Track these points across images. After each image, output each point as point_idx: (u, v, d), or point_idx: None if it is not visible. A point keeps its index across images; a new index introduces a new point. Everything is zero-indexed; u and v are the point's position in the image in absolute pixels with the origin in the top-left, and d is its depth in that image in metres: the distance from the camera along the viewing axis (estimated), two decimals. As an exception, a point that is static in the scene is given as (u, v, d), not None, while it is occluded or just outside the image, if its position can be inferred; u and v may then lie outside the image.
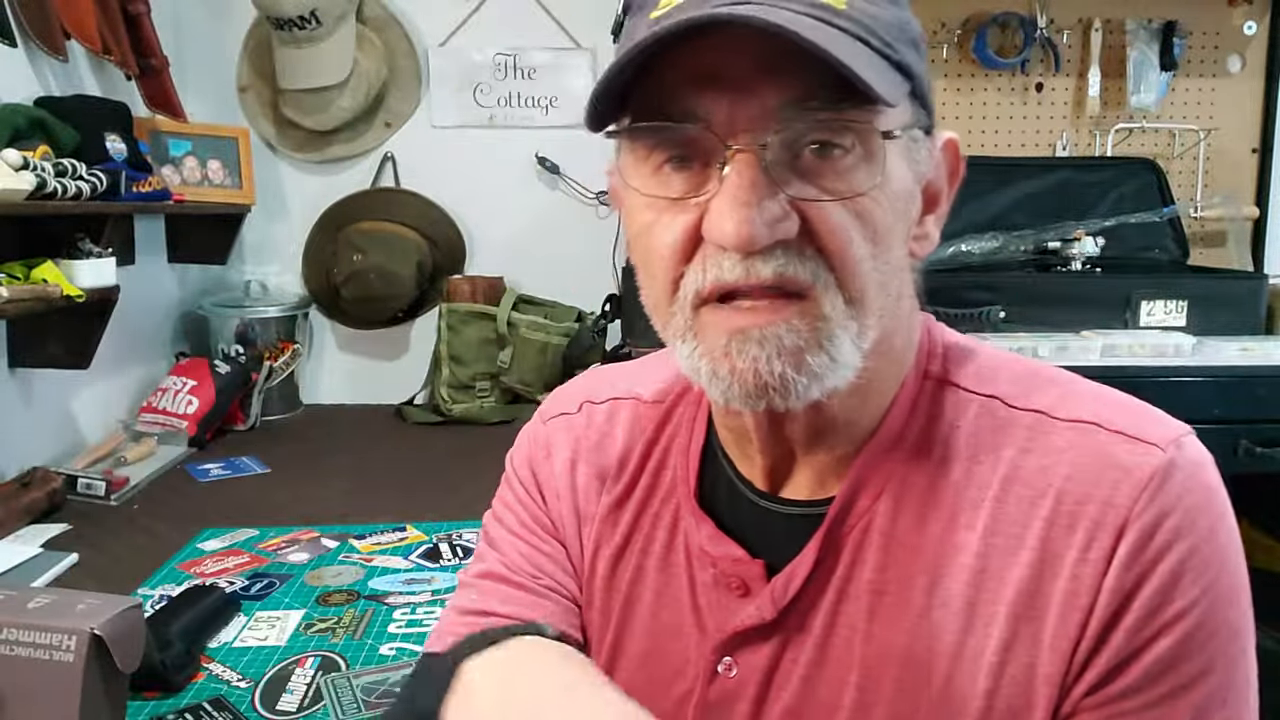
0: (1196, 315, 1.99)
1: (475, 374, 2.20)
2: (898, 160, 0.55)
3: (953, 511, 0.58)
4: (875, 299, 0.54)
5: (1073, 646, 0.54)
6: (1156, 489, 0.54)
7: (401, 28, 2.29)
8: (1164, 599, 0.53)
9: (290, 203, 2.37)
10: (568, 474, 0.74)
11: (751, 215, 0.50)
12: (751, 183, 0.51)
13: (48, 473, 1.57)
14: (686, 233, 0.54)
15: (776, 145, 0.51)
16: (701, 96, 0.52)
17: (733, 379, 0.54)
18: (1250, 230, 2.41)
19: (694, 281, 0.54)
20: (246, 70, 2.31)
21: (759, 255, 0.51)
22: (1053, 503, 0.56)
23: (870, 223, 0.53)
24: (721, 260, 0.52)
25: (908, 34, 0.55)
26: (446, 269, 2.33)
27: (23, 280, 1.46)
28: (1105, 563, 0.54)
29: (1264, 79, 2.39)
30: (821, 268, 0.53)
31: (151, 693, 0.98)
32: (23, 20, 1.65)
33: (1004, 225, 2.21)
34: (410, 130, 2.35)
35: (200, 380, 1.98)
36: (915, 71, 0.55)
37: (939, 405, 0.61)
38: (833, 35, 0.50)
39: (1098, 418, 0.58)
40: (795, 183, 0.52)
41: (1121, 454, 0.56)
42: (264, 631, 1.14)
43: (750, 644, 0.63)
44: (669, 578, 0.67)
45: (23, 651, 0.76)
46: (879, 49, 0.52)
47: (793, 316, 0.53)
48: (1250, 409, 1.81)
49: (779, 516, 0.64)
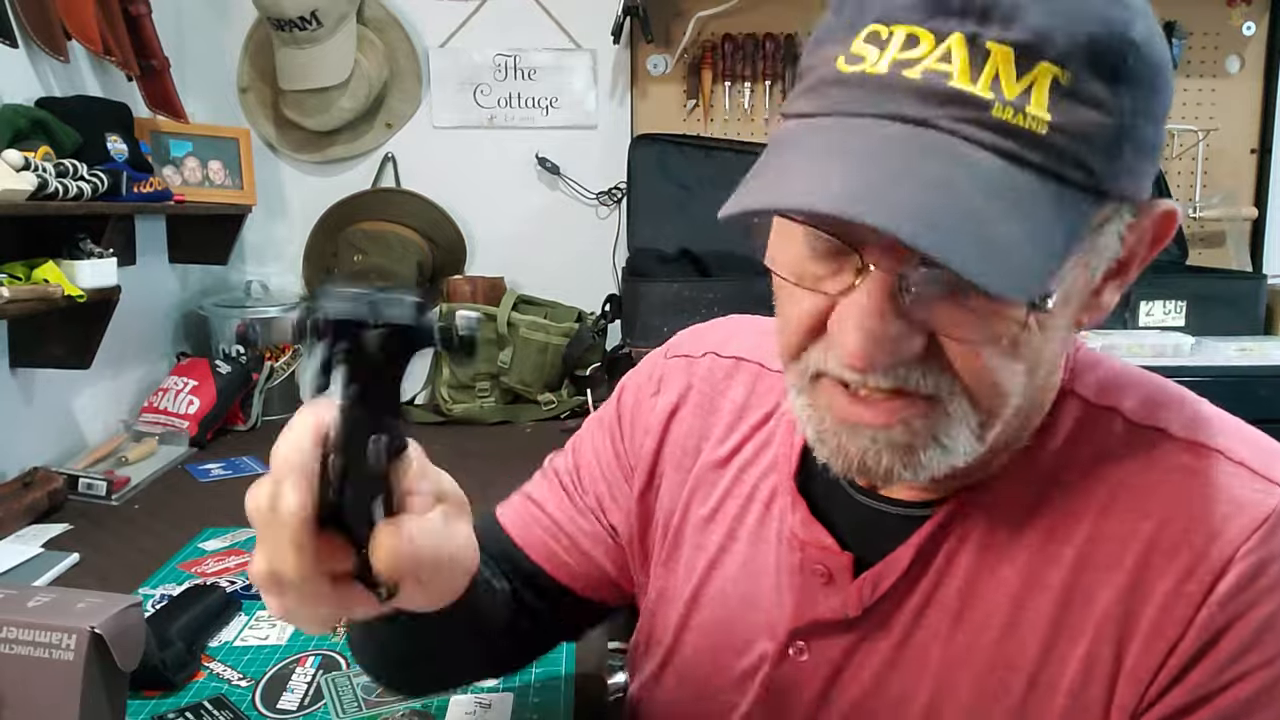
0: (1196, 315, 1.99)
1: (475, 374, 2.20)
2: (1074, 275, 0.50)
3: (1052, 524, 0.56)
4: (1010, 406, 0.52)
5: (1151, 677, 0.52)
6: (1268, 532, 0.51)
7: (402, 28, 2.29)
8: (1251, 645, 0.51)
9: (291, 203, 2.37)
10: (666, 416, 0.74)
11: (871, 345, 0.47)
12: (879, 309, 0.47)
13: (49, 473, 1.57)
14: (817, 314, 0.51)
15: (918, 276, 0.47)
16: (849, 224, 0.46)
17: (837, 455, 0.54)
18: (1249, 230, 2.42)
19: (817, 360, 0.53)
20: (247, 71, 2.31)
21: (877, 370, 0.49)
22: (1156, 525, 0.53)
23: (1019, 353, 0.49)
24: (843, 358, 0.50)
25: (1135, 135, 0.47)
26: (446, 269, 2.34)
27: (24, 280, 1.46)
28: (1201, 599, 0.51)
29: (1263, 79, 2.39)
30: (946, 379, 0.50)
31: (152, 691, 0.99)
32: (24, 21, 1.65)
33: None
34: (411, 131, 2.35)
35: (201, 380, 1.98)
36: (1120, 189, 0.48)
37: (1056, 415, 0.59)
38: (1000, 205, 0.44)
39: (1220, 445, 0.55)
40: (931, 311, 0.48)
41: (1239, 488, 0.53)
42: (264, 630, 1.14)
43: (827, 634, 0.63)
44: (757, 552, 0.67)
45: (22, 650, 0.76)
46: (1075, 180, 0.46)
47: (913, 419, 0.51)
48: (1250, 409, 1.78)
49: (876, 514, 0.62)
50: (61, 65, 1.75)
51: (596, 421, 0.81)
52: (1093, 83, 0.45)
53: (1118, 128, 0.46)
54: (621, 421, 0.78)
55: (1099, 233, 0.50)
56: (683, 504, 0.72)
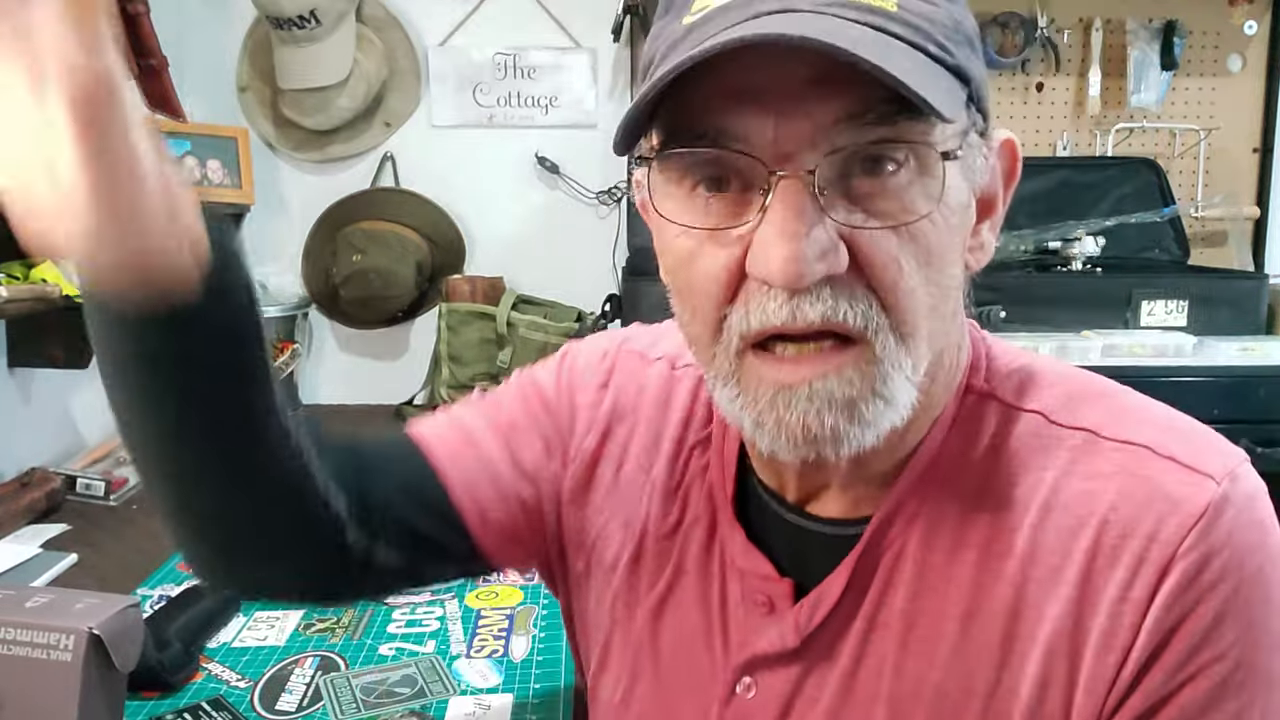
0: (1197, 315, 1.99)
1: (475, 374, 2.20)
2: (955, 176, 0.50)
3: (988, 538, 0.55)
4: (927, 328, 0.51)
5: (1108, 688, 0.51)
6: (1206, 526, 0.50)
7: (401, 27, 2.29)
8: (1203, 641, 0.50)
9: (290, 202, 2.37)
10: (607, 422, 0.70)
11: (799, 249, 0.46)
12: (799, 212, 0.46)
13: (47, 473, 1.56)
14: (729, 269, 0.50)
15: (826, 169, 0.47)
16: (743, 115, 0.47)
17: (780, 431, 0.51)
18: (1251, 230, 2.42)
19: (738, 324, 0.50)
20: (246, 70, 2.31)
21: (806, 295, 0.47)
22: (1095, 533, 0.52)
23: (925, 247, 0.49)
24: (767, 302, 0.48)
25: (963, 32, 0.51)
26: (446, 269, 2.33)
27: (22, 280, 1.46)
28: (1147, 603, 0.50)
29: (1264, 79, 2.39)
30: (874, 308, 0.49)
31: (150, 692, 0.98)
32: (22, 20, 1.64)
33: (1004, 225, 2.20)
34: (410, 130, 2.35)
35: (200, 380, 1.98)
36: (972, 75, 0.51)
37: (979, 421, 0.58)
38: (887, 46, 0.46)
39: (1149, 441, 0.54)
40: (845, 208, 0.48)
41: (1172, 484, 0.52)
42: (263, 631, 1.13)
43: (771, 668, 0.60)
44: (703, 582, 0.65)
45: (20, 651, 0.76)
46: (935, 55, 0.48)
47: (845, 366, 0.49)
48: (1250, 409, 1.81)
49: (810, 535, 0.60)
50: (60, 64, 1.74)
51: (531, 385, 0.74)
52: None
53: (950, 18, 0.50)
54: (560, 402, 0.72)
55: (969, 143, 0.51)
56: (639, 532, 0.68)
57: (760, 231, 0.48)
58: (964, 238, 0.54)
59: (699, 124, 0.48)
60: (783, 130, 0.46)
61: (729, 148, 0.48)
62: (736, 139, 0.47)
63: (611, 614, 0.69)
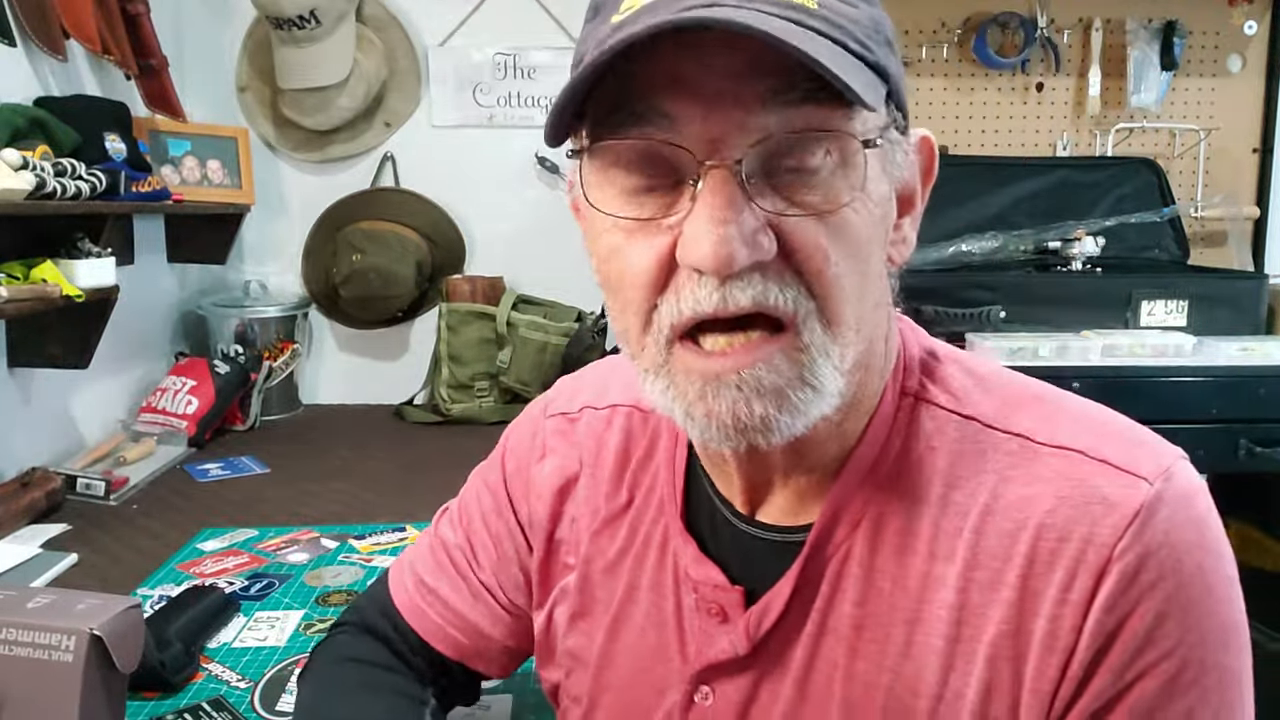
0: (1197, 315, 1.99)
1: (475, 374, 2.20)
2: (876, 166, 0.52)
3: (931, 542, 0.56)
4: (854, 315, 0.52)
5: (1054, 689, 0.52)
6: (1141, 526, 0.51)
7: (401, 27, 2.29)
8: (1147, 642, 0.50)
9: (290, 202, 2.37)
10: (555, 482, 0.74)
11: (729, 234, 0.47)
12: (729, 200, 0.47)
13: (47, 473, 1.56)
14: (659, 259, 0.50)
15: (754, 159, 0.48)
16: (672, 106, 0.48)
17: (710, 422, 0.51)
18: (1250, 230, 2.42)
19: (669, 314, 0.51)
20: (246, 70, 2.31)
21: (736, 281, 0.48)
22: (1033, 537, 0.53)
23: (849, 236, 0.50)
24: (697, 289, 0.49)
25: (882, 33, 0.52)
26: (446, 269, 2.33)
27: (22, 280, 1.46)
28: (1086, 604, 0.51)
29: (1264, 79, 2.39)
30: (802, 294, 0.50)
31: (151, 693, 0.98)
32: (22, 20, 1.64)
33: (1004, 225, 2.22)
34: (410, 130, 2.35)
35: (200, 380, 1.98)
36: (891, 72, 0.52)
37: (916, 425, 0.59)
38: (810, 38, 0.46)
39: (1083, 445, 0.54)
40: (771, 197, 0.49)
41: (1106, 487, 0.52)
42: (263, 632, 1.14)
43: (726, 675, 0.61)
44: (658, 598, 0.66)
45: (22, 651, 0.76)
46: (855, 50, 0.49)
47: (773, 355, 0.50)
48: (1250, 409, 1.81)
49: (758, 542, 0.61)
50: (60, 64, 1.75)
51: (482, 484, 0.81)
52: None
53: (869, 19, 0.51)
54: (509, 486, 0.78)
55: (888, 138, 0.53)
56: (583, 560, 0.71)
57: (690, 220, 0.48)
58: (886, 230, 0.55)
59: (630, 105, 0.49)
60: (711, 121, 0.47)
61: (657, 139, 0.49)
62: (667, 119, 0.48)
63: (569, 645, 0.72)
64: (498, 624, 0.78)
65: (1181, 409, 1.81)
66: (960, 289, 1.99)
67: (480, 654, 0.79)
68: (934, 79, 2.38)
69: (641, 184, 0.51)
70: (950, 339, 1.93)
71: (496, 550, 0.78)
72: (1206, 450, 1.79)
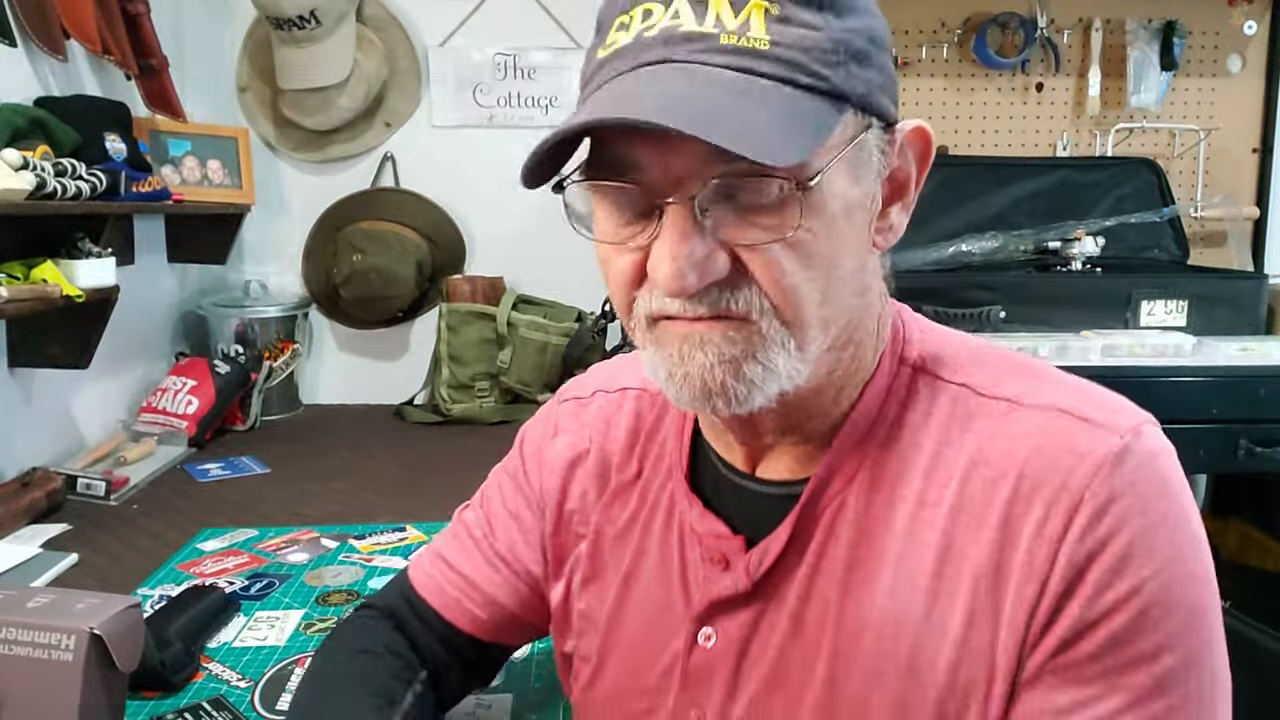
0: (1196, 315, 1.99)
1: (475, 374, 2.20)
2: (837, 179, 0.56)
3: (922, 492, 0.61)
4: (815, 316, 0.57)
5: (1028, 619, 0.56)
6: (1110, 471, 0.56)
7: (401, 28, 2.29)
8: (1116, 575, 0.55)
9: (290, 203, 2.37)
10: (566, 455, 0.80)
11: (682, 266, 0.54)
12: (682, 234, 0.54)
13: (47, 473, 1.56)
14: (634, 267, 0.58)
15: (707, 195, 0.54)
16: (638, 148, 0.55)
17: (684, 384, 0.58)
18: (1250, 230, 2.42)
19: (643, 306, 0.59)
20: (246, 70, 2.31)
21: (695, 296, 0.55)
22: (1014, 482, 0.58)
23: (804, 250, 0.55)
24: (663, 295, 0.57)
25: (848, 48, 0.56)
26: (446, 269, 2.33)
27: (22, 280, 1.46)
28: (1059, 539, 0.56)
29: (1264, 79, 2.39)
30: (757, 296, 0.56)
31: (151, 692, 0.98)
32: (23, 20, 1.65)
33: (1004, 225, 2.22)
34: (410, 130, 2.35)
35: (200, 380, 1.98)
36: (851, 91, 0.56)
37: (914, 393, 0.65)
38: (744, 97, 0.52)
39: (1063, 405, 0.60)
40: (727, 227, 0.55)
41: (1080, 438, 0.58)
42: (263, 631, 1.14)
43: (727, 613, 0.67)
44: (665, 556, 0.72)
45: (22, 651, 0.76)
46: (807, 84, 0.54)
47: (729, 329, 0.56)
48: (1250, 409, 1.81)
49: (758, 495, 0.67)
50: (60, 64, 1.75)
51: (501, 471, 0.87)
52: (800, 11, 0.54)
53: (832, 41, 0.55)
54: (526, 466, 0.84)
55: (858, 146, 0.57)
56: (594, 530, 0.77)
57: (654, 248, 0.56)
58: (863, 229, 0.60)
59: (607, 155, 0.56)
60: (669, 164, 0.54)
61: (628, 180, 0.56)
62: (635, 169, 0.55)
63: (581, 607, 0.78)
64: (513, 595, 0.82)
65: (1181, 409, 1.81)
66: (960, 289, 1.99)
67: (495, 626, 0.83)
68: (934, 79, 2.38)
69: (622, 218, 0.58)
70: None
71: (515, 523, 0.83)
72: (1206, 450, 1.79)
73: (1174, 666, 0.55)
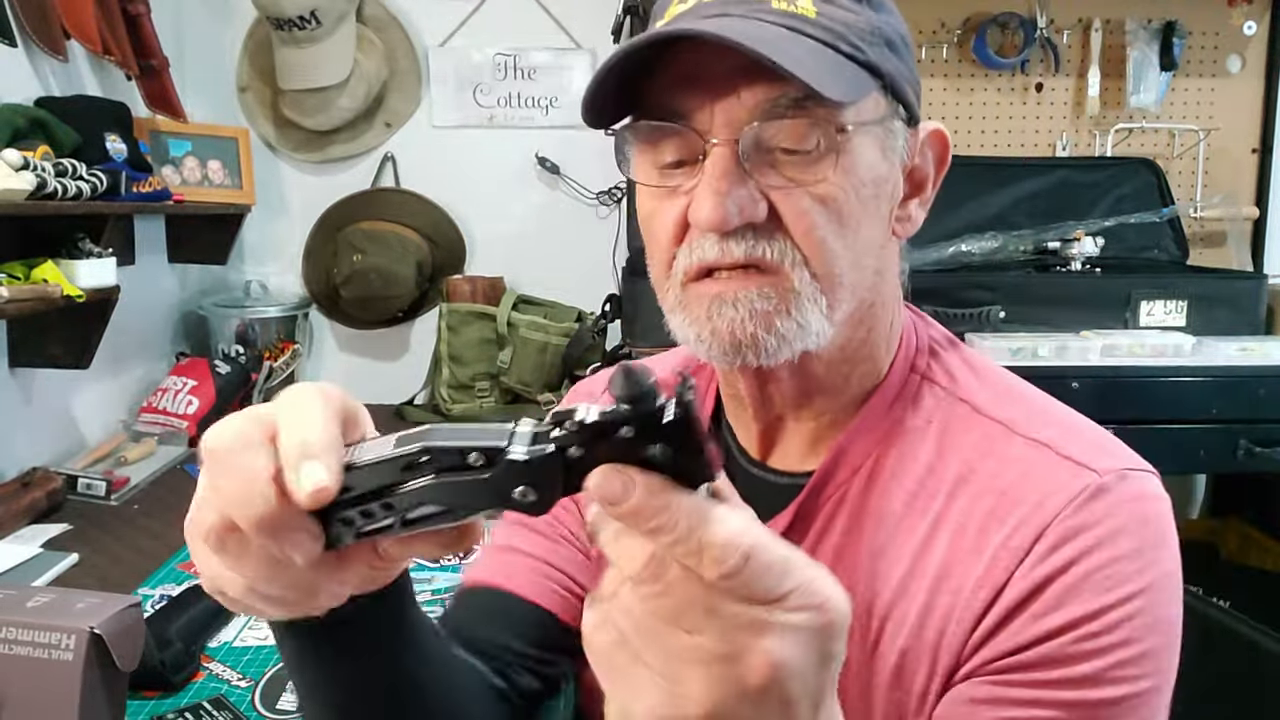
0: (1196, 315, 1.99)
1: (475, 374, 2.20)
2: (869, 149, 0.60)
3: (912, 496, 0.64)
4: (844, 274, 0.60)
5: (976, 621, 0.58)
6: (1083, 503, 0.58)
7: (402, 28, 2.29)
8: (1070, 596, 0.56)
9: (290, 203, 2.37)
10: None
11: (723, 201, 0.57)
12: (724, 172, 0.57)
13: (48, 473, 1.57)
14: (678, 220, 0.61)
15: (749, 139, 0.58)
16: (687, 97, 0.59)
17: (713, 339, 0.60)
18: (1250, 230, 2.42)
19: (683, 261, 0.61)
20: (246, 70, 2.31)
21: (733, 237, 0.58)
22: (993, 500, 0.61)
23: (834, 206, 0.59)
24: (703, 242, 0.59)
25: (882, 35, 0.61)
26: (446, 269, 2.33)
27: (23, 280, 1.46)
28: (1024, 552, 0.58)
29: (1264, 79, 2.39)
30: (789, 248, 0.59)
31: (151, 692, 0.99)
32: (23, 20, 1.65)
33: (1004, 225, 2.21)
34: (410, 130, 2.35)
35: (200, 380, 1.98)
36: (884, 69, 0.60)
37: (919, 400, 0.67)
38: (799, 44, 0.57)
39: (1053, 441, 0.62)
40: (766, 173, 0.59)
41: (1062, 474, 0.60)
42: (264, 631, 1.14)
43: None
44: None
45: (22, 650, 0.76)
46: (847, 52, 0.58)
47: (764, 285, 0.59)
48: (1250, 409, 1.81)
49: (766, 485, 0.70)
50: (60, 64, 1.75)
51: None
52: None
53: (869, 25, 0.60)
54: None
55: (886, 128, 0.62)
56: None
57: (697, 191, 0.59)
58: (885, 207, 0.63)
59: (657, 105, 0.60)
60: (715, 109, 0.58)
61: (676, 124, 0.60)
62: (682, 115, 0.59)
63: None
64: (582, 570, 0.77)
65: (1181, 409, 1.81)
66: (960, 289, 1.99)
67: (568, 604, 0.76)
68: (934, 79, 2.38)
69: (669, 161, 0.61)
70: (950, 339, 1.94)
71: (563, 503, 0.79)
72: (1206, 450, 1.78)
73: (1111, 699, 0.55)
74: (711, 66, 0.58)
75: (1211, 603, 0.93)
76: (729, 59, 0.56)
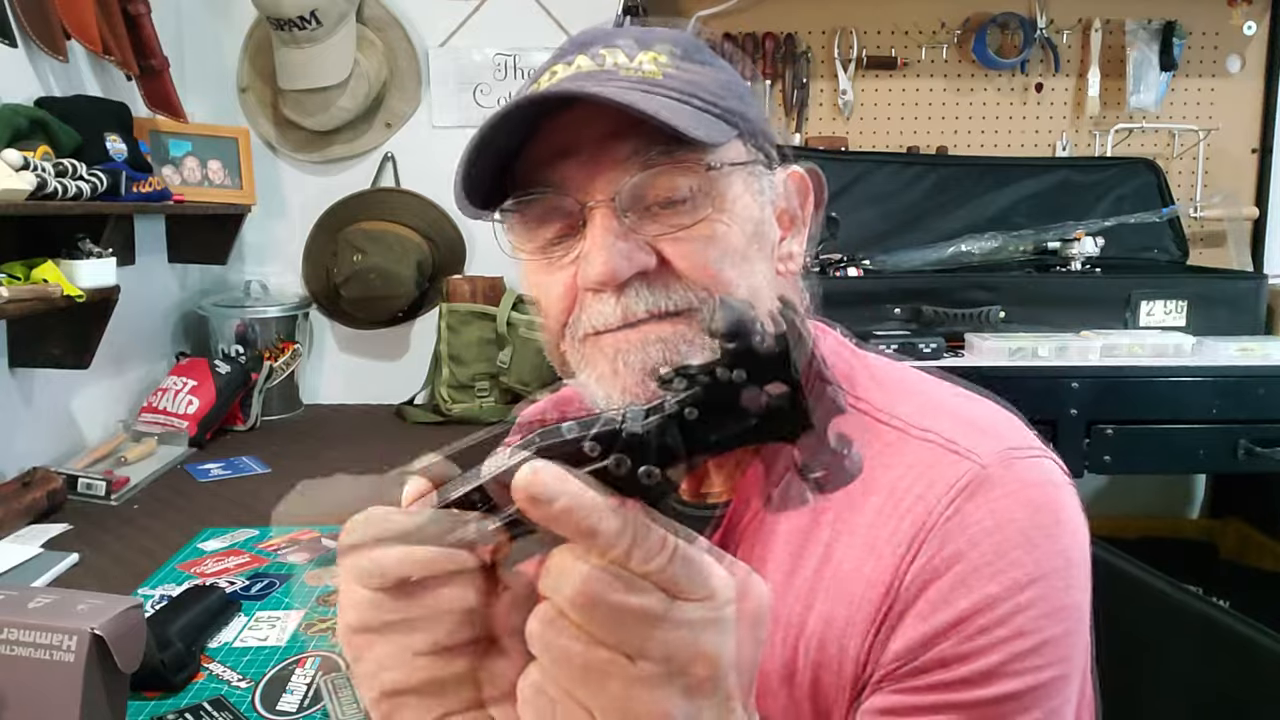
0: (1196, 315, 1.99)
1: (475, 374, 2.20)
2: (741, 190, 0.63)
3: (818, 510, 0.64)
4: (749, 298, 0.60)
5: (870, 623, 0.58)
6: (959, 495, 0.58)
7: (402, 28, 2.29)
8: (957, 591, 0.56)
9: (290, 203, 2.37)
10: None
11: (611, 255, 0.59)
12: (607, 228, 0.59)
13: (48, 473, 1.57)
14: (567, 287, 0.63)
15: (627, 194, 0.60)
16: (560, 167, 0.61)
17: (628, 376, 0.61)
18: (1250, 230, 2.42)
19: (573, 325, 0.63)
20: (247, 70, 2.31)
21: (630, 294, 0.60)
22: (883, 497, 0.61)
23: (722, 242, 0.61)
24: (600, 306, 0.61)
25: (733, 91, 0.64)
26: (446, 268, 2.33)
27: (23, 280, 1.46)
28: (905, 546, 0.58)
29: (1263, 79, 2.39)
30: (689, 291, 0.60)
31: (152, 692, 0.99)
32: (23, 20, 1.65)
33: (1004, 225, 2.21)
34: (410, 130, 2.35)
35: (200, 380, 1.98)
36: (743, 117, 0.63)
37: None
38: (657, 100, 0.59)
39: (940, 432, 0.62)
40: (648, 225, 0.60)
41: (947, 465, 0.60)
42: (264, 631, 1.14)
43: None
44: None
45: (23, 651, 0.76)
46: (701, 106, 0.61)
47: (669, 326, 0.60)
48: (1250, 409, 1.81)
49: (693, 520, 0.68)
50: (61, 65, 1.75)
51: None
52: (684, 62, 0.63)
53: (717, 82, 0.63)
54: None
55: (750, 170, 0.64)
56: None
57: (584, 253, 0.61)
58: (767, 246, 0.65)
59: (532, 179, 0.63)
60: (590, 174, 0.60)
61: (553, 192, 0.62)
62: (557, 181, 0.61)
63: None
64: None
65: (1181, 409, 1.81)
66: (960, 289, 1.99)
67: None
68: (934, 79, 2.38)
69: (550, 237, 0.63)
70: (950, 339, 1.94)
71: None
72: (1206, 450, 1.79)
73: (1012, 693, 0.55)
74: (579, 135, 0.60)
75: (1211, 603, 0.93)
76: (595, 125, 0.59)
